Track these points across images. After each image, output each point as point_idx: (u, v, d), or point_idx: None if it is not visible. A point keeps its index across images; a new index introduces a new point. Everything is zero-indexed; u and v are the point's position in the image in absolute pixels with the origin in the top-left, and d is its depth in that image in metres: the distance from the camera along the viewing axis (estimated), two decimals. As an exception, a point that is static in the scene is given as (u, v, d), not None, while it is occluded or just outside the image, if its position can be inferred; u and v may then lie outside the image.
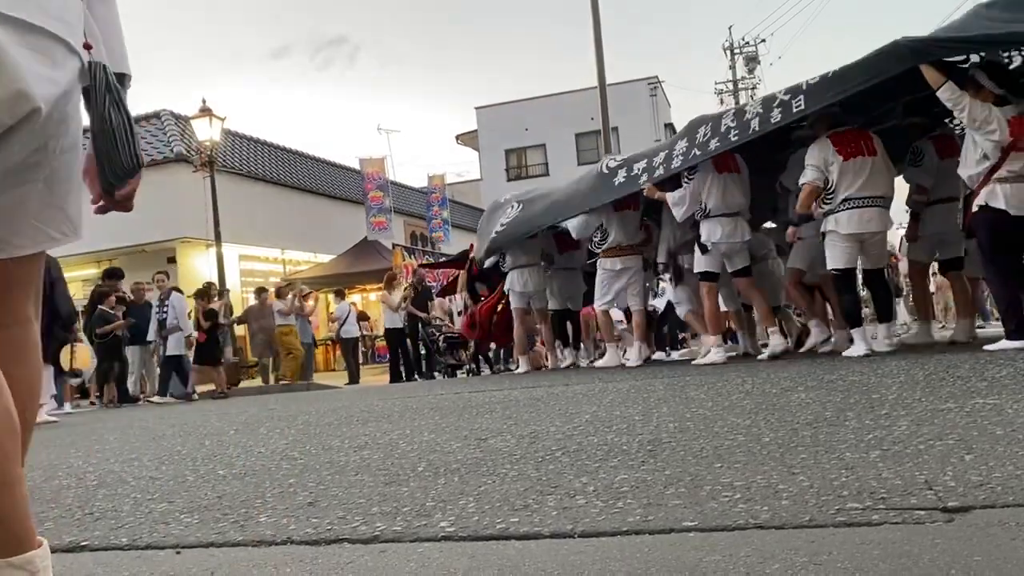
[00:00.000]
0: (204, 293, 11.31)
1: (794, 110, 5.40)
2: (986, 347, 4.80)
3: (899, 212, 6.86)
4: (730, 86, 35.68)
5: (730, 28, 65.96)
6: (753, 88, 34.86)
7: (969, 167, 4.96)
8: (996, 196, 4.80)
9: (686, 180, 6.26)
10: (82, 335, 9.80)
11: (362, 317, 16.18)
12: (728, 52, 35.81)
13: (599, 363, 7.90)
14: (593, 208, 7.06)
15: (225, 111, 15.05)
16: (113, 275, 11.37)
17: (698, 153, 6.01)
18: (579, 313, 9.03)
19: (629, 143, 26.35)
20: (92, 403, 10.81)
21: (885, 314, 5.86)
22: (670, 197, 6.37)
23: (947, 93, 4.80)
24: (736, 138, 5.76)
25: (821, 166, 5.40)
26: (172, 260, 17.21)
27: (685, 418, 2.89)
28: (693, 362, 6.61)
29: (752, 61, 35.85)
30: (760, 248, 7.04)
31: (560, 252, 8.34)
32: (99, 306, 10.59)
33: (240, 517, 1.92)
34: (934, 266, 7.25)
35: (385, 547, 1.55)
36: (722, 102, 34.50)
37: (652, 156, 6.56)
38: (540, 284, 8.14)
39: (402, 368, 12.43)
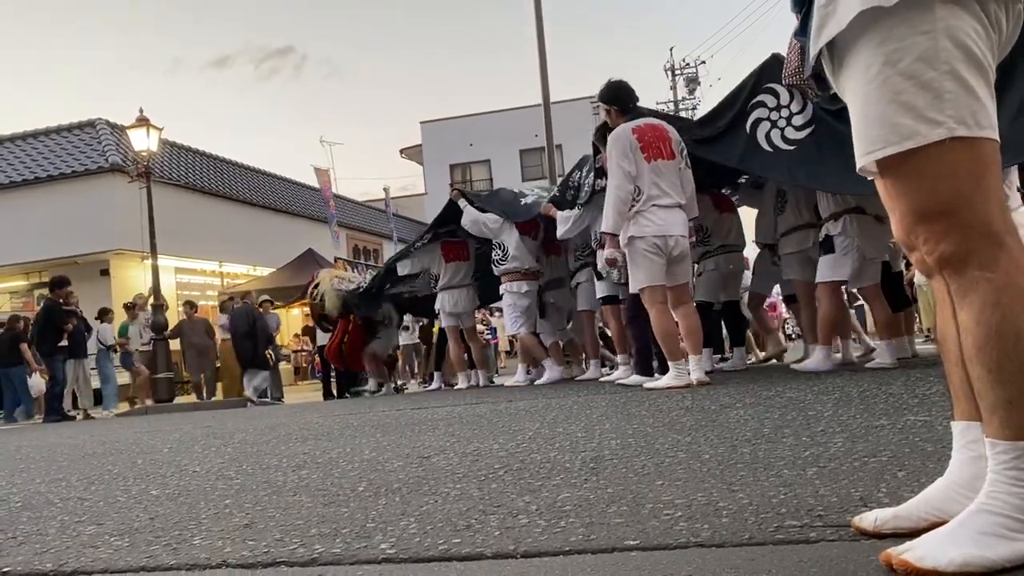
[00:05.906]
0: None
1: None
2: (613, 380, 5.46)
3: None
4: (671, 106, 36.31)
5: (671, 50, 67.21)
6: (693, 108, 35.54)
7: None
8: None
9: (579, 206, 6.70)
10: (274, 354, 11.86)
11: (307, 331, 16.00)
12: (669, 73, 36.47)
13: (540, 380, 7.98)
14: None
15: (163, 121, 14.76)
16: (62, 284, 10.84)
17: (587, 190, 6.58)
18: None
19: (572, 160, 26.51)
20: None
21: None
22: (561, 214, 6.84)
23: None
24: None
25: None
26: (105, 272, 16.75)
27: (627, 435, 2.91)
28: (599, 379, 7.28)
29: (692, 82, 36.54)
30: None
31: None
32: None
33: (173, 540, 1.86)
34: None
35: (324, 570, 1.52)
36: (664, 121, 35.00)
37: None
38: (470, 305, 8.58)
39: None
